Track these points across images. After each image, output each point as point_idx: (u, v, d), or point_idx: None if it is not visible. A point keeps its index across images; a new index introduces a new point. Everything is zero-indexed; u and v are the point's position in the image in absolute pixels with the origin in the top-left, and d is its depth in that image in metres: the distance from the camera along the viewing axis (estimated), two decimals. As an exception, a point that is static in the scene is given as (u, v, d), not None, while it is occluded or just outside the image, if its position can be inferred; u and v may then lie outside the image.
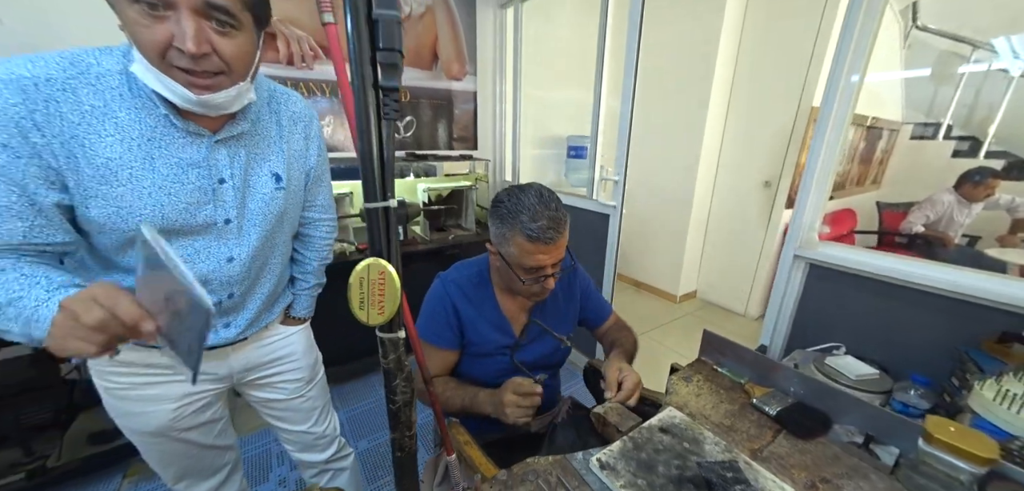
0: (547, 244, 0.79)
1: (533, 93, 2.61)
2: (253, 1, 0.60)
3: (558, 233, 0.80)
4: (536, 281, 0.84)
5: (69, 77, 0.58)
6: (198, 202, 0.67)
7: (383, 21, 0.29)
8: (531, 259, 0.80)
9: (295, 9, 1.88)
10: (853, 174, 2.68)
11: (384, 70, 0.31)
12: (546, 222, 0.78)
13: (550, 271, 0.84)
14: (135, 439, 0.83)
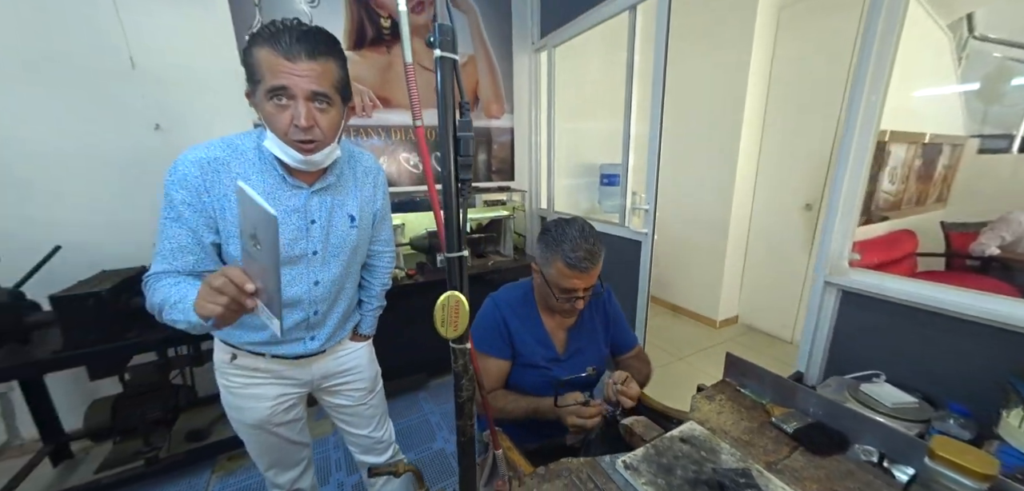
0: (582, 272, 0.95)
1: (566, 126, 2.78)
2: (341, 86, 0.82)
3: (592, 264, 0.96)
4: (568, 301, 0.99)
5: (227, 155, 0.83)
6: (296, 238, 0.89)
7: (463, 139, 0.46)
8: (567, 282, 0.96)
9: (360, 69, 2.22)
10: (909, 193, 2.56)
11: (461, 168, 0.48)
12: (583, 254, 0.94)
13: (581, 294, 0.99)
14: (241, 431, 1.04)
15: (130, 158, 1.84)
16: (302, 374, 1.04)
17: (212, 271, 0.83)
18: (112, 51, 1.74)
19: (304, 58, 0.74)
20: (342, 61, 0.83)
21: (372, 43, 2.24)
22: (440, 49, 0.43)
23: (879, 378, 1.21)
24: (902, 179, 2.46)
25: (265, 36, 0.74)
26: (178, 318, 0.76)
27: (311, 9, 2.07)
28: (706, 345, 2.98)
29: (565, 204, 2.88)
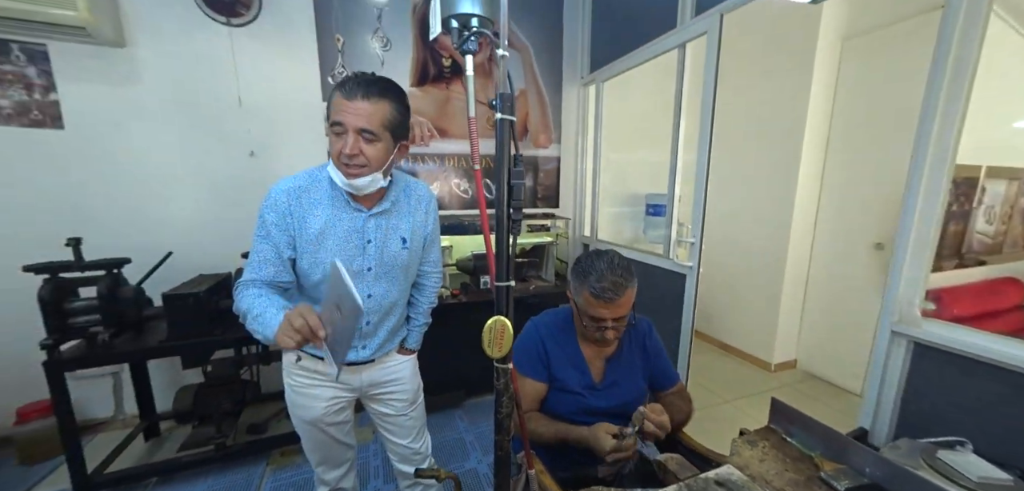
0: (607, 302, 0.99)
1: (612, 156, 2.82)
2: (391, 125, 0.95)
3: (617, 295, 0.99)
4: (598, 329, 1.03)
5: (307, 183, 1.00)
6: (354, 255, 1.02)
7: (515, 185, 0.54)
8: (594, 310, 1.01)
9: (422, 103, 2.45)
10: (1014, 235, 2.27)
11: (514, 209, 0.55)
12: (608, 285, 0.98)
13: (610, 324, 1.01)
14: (299, 426, 1.17)
15: (228, 180, 2.16)
16: (353, 380, 1.15)
17: (287, 282, 1.01)
18: (226, 93, 2.09)
19: (359, 98, 0.90)
20: (397, 104, 0.95)
21: (433, 80, 2.46)
22: (501, 113, 0.51)
23: (964, 446, 1.06)
24: (1003, 219, 2.20)
25: (339, 84, 0.92)
26: (257, 330, 0.91)
27: (383, 52, 2.33)
28: (758, 389, 2.78)
29: (609, 233, 2.89)
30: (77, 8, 1.68)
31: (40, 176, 1.89)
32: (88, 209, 1.97)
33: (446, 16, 0.50)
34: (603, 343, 1.07)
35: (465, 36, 0.52)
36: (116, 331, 1.66)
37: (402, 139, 1.00)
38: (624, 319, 1.03)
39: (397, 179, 1.10)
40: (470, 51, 0.53)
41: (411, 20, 2.35)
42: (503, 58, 0.49)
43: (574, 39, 2.79)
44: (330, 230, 1.00)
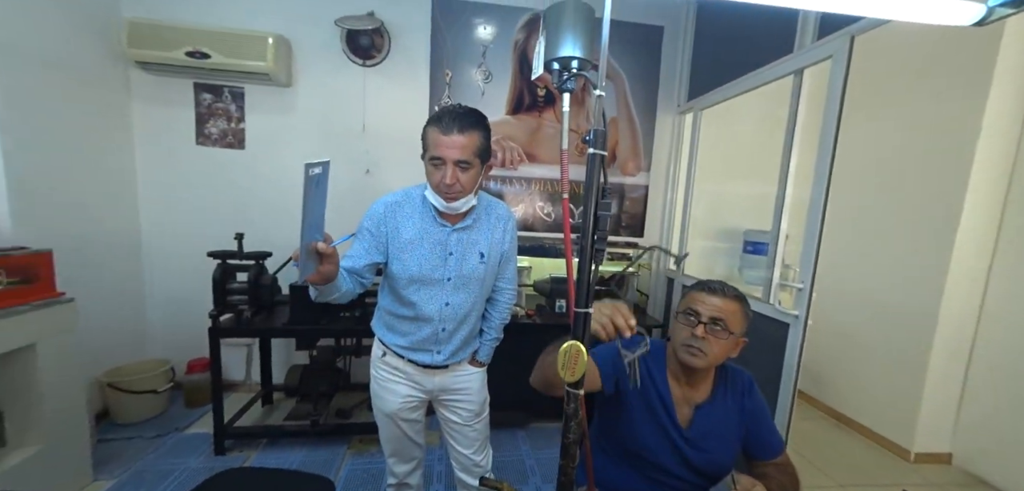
0: (709, 293, 0.96)
1: (707, 187, 2.62)
2: (480, 151, 1.05)
3: (723, 294, 0.95)
4: (688, 323, 0.96)
5: (402, 199, 1.15)
6: (437, 265, 1.13)
7: (602, 217, 0.55)
8: (691, 301, 0.97)
9: (515, 130, 2.60)
10: None
11: (598, 240, 0.56)
12: (716, 285, 0.97)
13: (704, 317, 0.94)
14: (378, 417, 1.28)
15: (346, 193, 2.53)
16: (426, 382, 1.23)
17: (366, 277, 1.14)
18: (354, 120, 2.47)
19: (455, 133, 1.00)
20: (484, 133, 1.06)
21: (527, 109, 2.59)
22: (593, 147, 0.53)
23: None
24: None
25: (434, 119, 1.04)
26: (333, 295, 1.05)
27: (484, 84, 2.54)
28: (888, 480, 2.26)
29: (698, 268, 2.67)
30: (266, 60, 2.18)
31: (225, 184, 2.44)
32: (249, 210, 2.47)
33: (549, 59, 0.55)
34: (691, 349, 0.95)
35: (565, 76, 0.55)
36: (255, 311, 2.03)
37: (487, 160, 1.10)
38: (721, 335, 0.93)
39: (480, 198, 1.17)
40: (569, 89, 0.56)
41: (512, 55, 2.53)
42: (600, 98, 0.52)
43: (672, 67, 2.71)
44: (418, 240, 1.12)
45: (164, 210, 2.41)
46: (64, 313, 1.61)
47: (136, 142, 2.34)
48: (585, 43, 0.53)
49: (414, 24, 2.44)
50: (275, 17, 2.31)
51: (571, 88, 0.57)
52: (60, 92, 1.92)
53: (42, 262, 1.57)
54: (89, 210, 2.08)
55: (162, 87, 2.32)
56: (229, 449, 2.05)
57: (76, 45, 1.99)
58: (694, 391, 1.02)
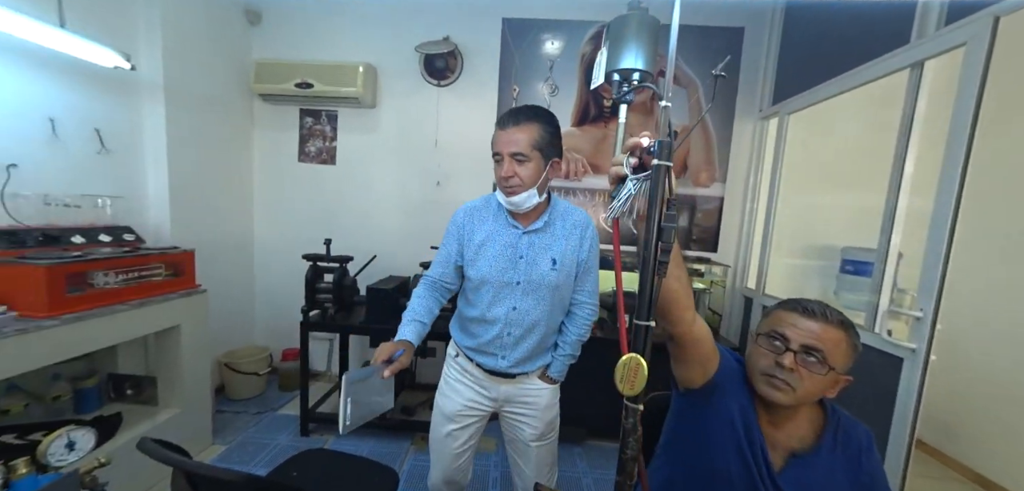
0: (804, 314, 0.79)
1: (794, 198, 2.36)
2: (541, 145, 1.03)
3: (823, 319, 0.78)
4: (772, 349, 0.79)
5: (481, 205, 1.19)
6: (506, 267, 1.12)
7: (666, 229, 0.54)
8: (777, 324, 0.80)
9: (580, 141, 2.61)
10: None
11: (662, 252, 0.55)
12: (814, 306, 0.80)
13: (794, 344, 0.76)
14: (437, 420, 1.26)
15: (419, 203, 2.73)
16: (492, 390, 1.21)
17: (450, 282, 1.20)
18: (428, 136, 2.67)
19: (510, 127, 1.02)
20: (545, 126, 1.04)
21: (592, 120, 2.58)
22: (658, 158, 0.53)
23: None
24: None
25: (497, 122, 1.07)
26: None
27: (551, 97, 2.59)
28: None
29: (782, 288, 2.40)
30: (357, 85, 2.47)
31: (318, 195, 2.78)
32: (338, 218, 2.77)
33: (610, 70, 0.55)
34: (773, 381, 0.78)
35: (625, 89, 0.56)
36: (338, 309, 2.27)
37: (553, 157, 1.07)
38: (816, 369, 0.75)
39: (556, 203, 1.17)
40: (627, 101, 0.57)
41: (578, 67, 2.54)
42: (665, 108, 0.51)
43: (754, 70, 2.51)
44: (490, 241, 1.13)
45: (271, 218, 2.81)
46: (200, 302, 1.96)
47: (255, 161, 2.77)
48: (648, 55, 0.53)
49: (485, 45, 2.57)
50: (365, 48, 2.59)
51: (630, 100, 0.57)
52: (206, 122, 2.34)
53: (187, 259, 1.92)
54: (219, 218, 2.50)
55: (276, 114, 2.73)
56: (312, 431, 2.31)
57: (220, 84, 2.43)
58: (780, 432, 0.82)
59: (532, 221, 1.12)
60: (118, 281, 1.62)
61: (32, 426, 1.45)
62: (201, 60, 2.27)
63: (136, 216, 2.03)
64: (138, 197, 2.07)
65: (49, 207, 1.65)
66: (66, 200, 1.70)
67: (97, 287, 1.54)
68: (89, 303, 1.50)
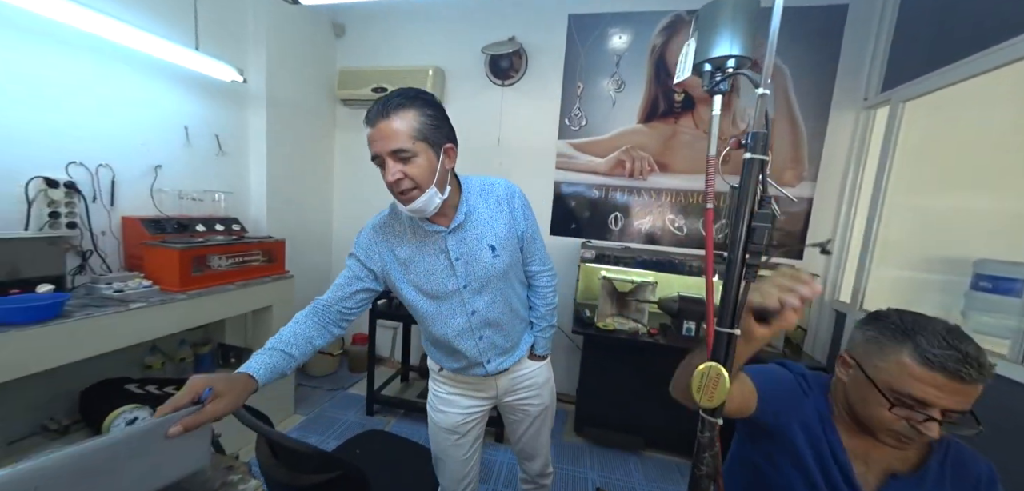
0: (949, 377, 0.63)
1: (907, 200, 2.03)
2: (424, 135, 0.85)
3: (972, 372, 0.62)
4: (907, 415, 0.66)
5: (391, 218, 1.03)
6: (445, 277, 0.99)
7: (758, 228, 0.49)
8: (914, 385, 0.65)
9: (646, 138, 2.48)
10: None
11: (752, 255, 0.50)
12: (957, 355, 0.63)
13: (938, 416, 0.64)
14: (436, 438, 1.18)
15: (481, 199, 2.80)
16: (488, 390, 1.15)
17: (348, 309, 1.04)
18: (491, 135, 2.73)
19: (380, 121, 0.83)
20: (424, 108, 0.85)
21: (661, 115, 2.45)
22: (751, 152, 0.48)
23: None
24: None
25: (364, 119, 0.87)
26: None
27: (616, 94, 2.50)
28: None
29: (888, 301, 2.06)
30: (426, 88, 2.57)
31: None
32: (404, 214, 2.96)
33: (700, 60, 0.51)
34: (903, 443, 0.69)
35: (717, 78, 0.51)
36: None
37: (445, 143, 0.90)
38: (957, 415, 0.66)
39: (469, 185, 1.02)
40: (720, 92, 0.52)
41: (647, 61, 2.43)
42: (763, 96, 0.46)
43: (859, 53, 2.19)
44: (416, 256, 1.00)
45: (348, 213, 3.06)
46: (289, 286, 2.20)
47: (335, 160, 3.04)
48: (744, 39, 0.48)
49: (550, 43, 2.56)
50: (435, 52, 2.72)
51: (724, 89, 0.53)
52: (297, 127, 2.62)
53: (279, 248, 2.17)
54: (304, 212, 2.78)
55: (354, 117, 2.96)
56: (376, 412, 2.49)
57: (310, 92, 2.70)
58: (876, 448, 0.74)
59: (452, 217, 0.98)
60: (228, 265, 1.87)
61: (166, 381, 1.76)
62: (296, 71, 2.54)
63: (241, 209, 2.34)
64: (243, 192, 2.38)
65: (182, 200, 1.96)
66: (193, 194, 2.01)
67: (213, 269, 1.81)
68: (207, 282, 1.76)
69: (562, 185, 2.63)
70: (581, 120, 2.56)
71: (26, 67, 1.46)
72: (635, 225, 2.57)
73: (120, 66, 1.72)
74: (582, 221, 2.64)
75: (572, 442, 2.31)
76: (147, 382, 1.73)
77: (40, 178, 1.49)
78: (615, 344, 2.18)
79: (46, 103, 1.52)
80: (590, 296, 2.52)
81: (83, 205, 1.62)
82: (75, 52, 1.58)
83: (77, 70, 1.59)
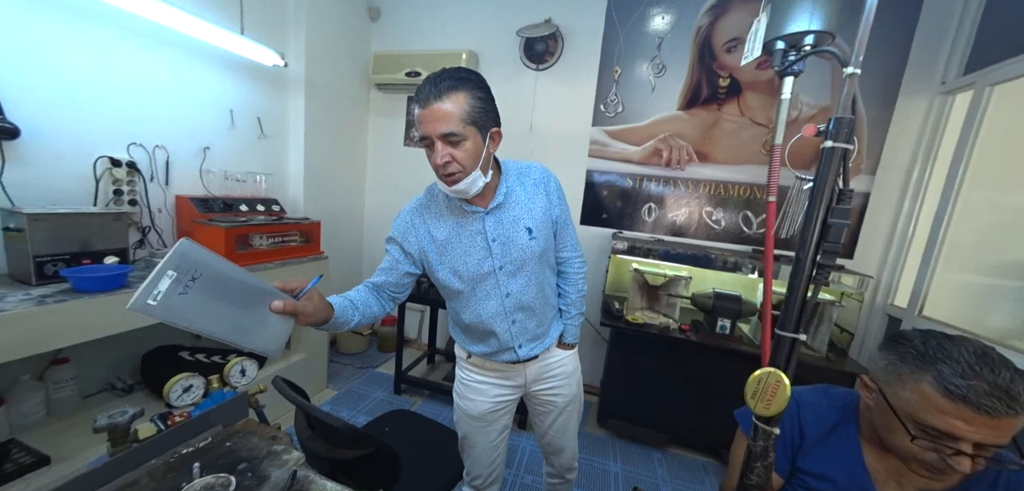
0: (975, 411, 0.57)
1: (985, 197, 1.83)
2: (473, 118, 0.85)
3: (1000, 406, 0.56)
4: (933, 449, 0.61)
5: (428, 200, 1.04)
6: (482, 259, 0.99)
7: (834, 226, 0.44)
8: (937, 417, 0.60)
9: (685, 126, 2.36)
10: None
11: (825, 254, 0.45)
12: (986, 386, 0.57)
13: (968, 450, 0.59)
14: (462, 421, 1.17)
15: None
16: (517, 377, 1.13)
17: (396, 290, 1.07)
18: (523, 120, 2.68)
19: (433, 102, 0.83)
20: (475, 90, 0.86)
21: (704, 102, 2.32)
22: (832, 140, 0.43)
23: None
24: None
25: (414, 96, 0.88)
26: None
27: (656, 78, 2.38)
28: None
29: (953, 312, 1.90)
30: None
31: (419, 176, 2.96)
32: (434, 199, 2.99)
33: (772, 37, 0.46)
34: (937, 477, 0.65)
35: (791, 57, 0.46)
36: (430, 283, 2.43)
37: (492, 127, 0.91)
38: (993, 449, 0.60)
39: (508, 168, 1.03)
40: (794, 73, 0.47)
41: (691, 43, 2.29)
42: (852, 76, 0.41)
43: (938, 30, 1.97)
44: (454, 237, 1.00)
45: (379, 196, 3.12)
46: (323, 266, 2.27)
47: (368, 144, 3.09)
48: (828, 12, 0.43)
49: (587, 25, 2.46)
50: (469, 36, 2.69)
51: (799, 70, 0.47)
52: (333, 110, 2.67)
53: (315, 229, 2.24)
54: (337, 194, 2.85)
55: (387, 102, 2.99)
56: (403, 391, 2.55)
57: (346, 76, 2.74)
58: (917, 473, 0.69)
59: (490, 198, 0.99)
60: (268, 244, 1.95)
61: (212, 350, 1.88)
62: (333, 55, 2.58)
63: (280, 190, 2.43)
64: (281, 174, 2.46)
65: (227, 181, 2.05)
66: (237, 175, 2.10)
67: (255, 248, 1.89)
68: (250, 260, 1.84)
69: (594, 174, 2.56)
70: (617, 106, 2.47)
71: (93, 53, 1.55)
72: (669, 217, 2.48)
73: (173, 51, 1.80)
74: (613, 211, 2.56)
75: (595, 433, 2.30)
76: (196, 350, 1.85)
77: (106, 157, 1.60)
78: (644, 338, 2.13)
79: (110, 86, 1.61)
80: (619, 288, 2.46)
81: (142, 184, 1.72)
82: (134, 38, 1.66)
83: (136, 55, 1.68)
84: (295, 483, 0.83)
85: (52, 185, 1.48)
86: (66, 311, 1.21)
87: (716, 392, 2.08)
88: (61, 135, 1.49)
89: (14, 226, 1.29)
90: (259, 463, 0.88)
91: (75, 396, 1.56)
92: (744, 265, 2.22)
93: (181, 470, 0.83)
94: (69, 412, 1.53)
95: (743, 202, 2.34)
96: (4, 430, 1.33)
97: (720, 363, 2.06)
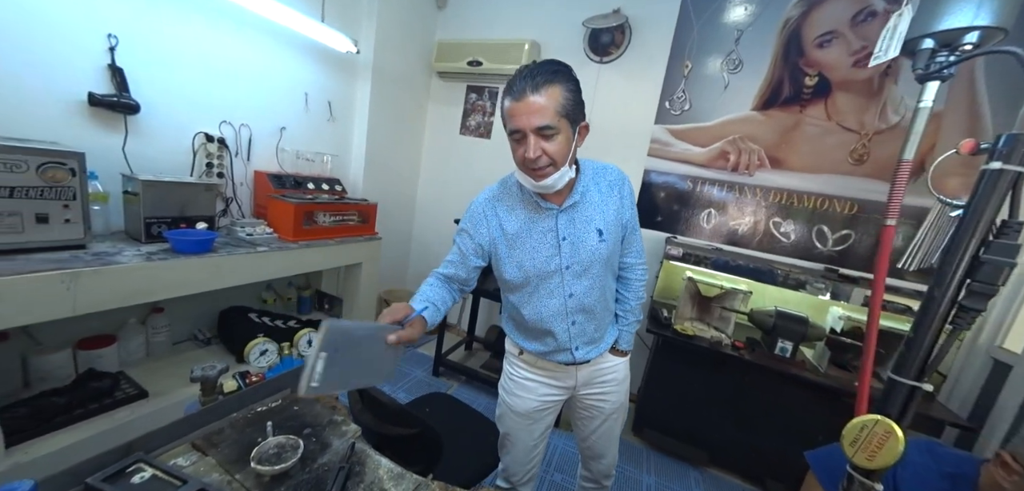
0: None
1: None
2: (566, 111, 0.84)
3: None
4: None
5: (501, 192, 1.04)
6: (550, 255, 0.99)
7: (989, 265, 0.37)
8: None
9: (759, 128, 2.19)
10: None
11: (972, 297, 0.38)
12: None
13: None
14: (506, 416, 1.17)
15: (562, 181, 2.72)
16: (568, 379, 1.12)
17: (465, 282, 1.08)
18: (582, 114, 2.62)
19: (528, 94, 0.82)
20: (568, 83, 0.85)
21: (784, 102, 2.13)
22: (999, 161, 0.35)
23: None
24: None
25: (506, 88, 0.87)
26: None
27: (729, 75, 2.22)
28: None
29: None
30: (521, 62, 2.49)
31: (472, 166, 3.02)
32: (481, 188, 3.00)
33: (917, 36, 0.39)
34: None
35: (938, 59, 0.38)
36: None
37: (581, 121, 0.90)
38: None
39: (585, 167, 1.01)
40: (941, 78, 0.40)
41: (776, 37, 2.10)
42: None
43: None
44: (525, 231, 1.00)
45: (431, 183, 3.19)
46: (377, 246, 2.37)
47: (425, 131, 3.17)
48: (1001, 4, 0.35)
49: (659, 15, 2.33)
50: (533, 25, 2.65)
51: (949, 75, 0.40)
52: (396, 96, 2.76)
53: (371, 211, 2.34)
54: (393, 178, 2.95)
55: (447, 89, 3.04)
56: (441, 374, 2.62)
57: (411, 63, 2.82)
58: None
59: (566, 196, 0.98)
60: (330, 222, 2.07)
61: (277, 315, 2.04)
62: (399, 42, 2.66)
63: (343, 171, 2.56)
64: (344, 156, 2.59)
65: (298, 160, 2.19)
66: (307, 155, 2.23)
67: (319, 225, 2.01)
68: (313, 235, 1.96)
69: (651, 174, 2.44)
70: (684, 104, 2.33)
71: (198, 39, 1.71)
72: (730, 225, 2.31)
73: (262, 37, 1.94)
74: (668, 214, 2.44)
75: (629, 441, 2.23)
76: (263, 314, 2.01)
77: (202, 133, 1.78)
78: (691, 350, 2.03)
79: (210, 69, 1.78)
80: (669, 295, 2.35)
81: (229, 158, 1.89)
82: (231, 25, 1.81)
83: (232, 41, 1.83)
84: (354, 454, 0.87)
85: (158, 156, 1.66)
86: (166, 268, 1.36)
87: (768, 417, 1.95)
88: (170, 111, 1.67)
89: (132, 190, 1.47)
90: (322, 430, 0.94)
91: (167, 342, 1.78)
92: (811, 284, 2.03)
93: (257, 425, 0.90)
94: (162, 355, 1.75)
95: (818, 214, 2.13)
96: (115, 362, 1.55)
97: (776, 387, 1.92)
